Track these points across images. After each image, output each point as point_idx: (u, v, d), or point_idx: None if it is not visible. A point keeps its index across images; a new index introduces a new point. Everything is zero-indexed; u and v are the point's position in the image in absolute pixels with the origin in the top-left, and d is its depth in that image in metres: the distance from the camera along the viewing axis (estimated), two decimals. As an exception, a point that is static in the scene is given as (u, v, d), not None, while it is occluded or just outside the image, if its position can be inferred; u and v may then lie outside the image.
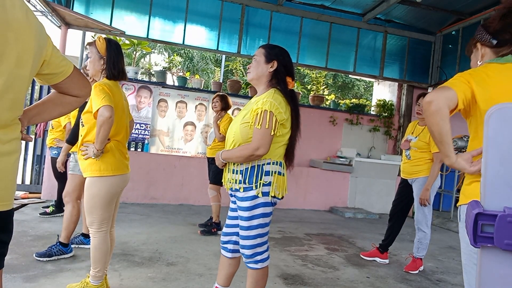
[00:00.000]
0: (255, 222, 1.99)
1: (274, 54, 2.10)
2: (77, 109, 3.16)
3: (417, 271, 3.58)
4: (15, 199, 4.88)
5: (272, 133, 1.94)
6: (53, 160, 4.36)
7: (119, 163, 2.35)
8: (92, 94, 2.21)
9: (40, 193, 5.49)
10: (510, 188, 1.00)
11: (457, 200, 6.50)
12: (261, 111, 1.94)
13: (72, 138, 3.06)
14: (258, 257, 2.03)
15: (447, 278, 3.51)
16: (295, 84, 7.76)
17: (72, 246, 3.24)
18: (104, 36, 2.45)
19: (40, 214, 4.45)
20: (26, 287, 2.51)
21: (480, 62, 1.62)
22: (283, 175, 2.06)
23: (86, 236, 3.39)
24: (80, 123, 2.43)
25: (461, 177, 3.16)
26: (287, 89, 2.08)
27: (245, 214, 1.99)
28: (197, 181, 6.00)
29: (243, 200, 2.00)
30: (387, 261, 3.83)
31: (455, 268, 3.83)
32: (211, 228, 4.36)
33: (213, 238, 4.16)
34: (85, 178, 2.33)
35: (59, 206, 4.45)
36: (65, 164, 3.51)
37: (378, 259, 3.85)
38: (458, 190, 7.87)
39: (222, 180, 2.20)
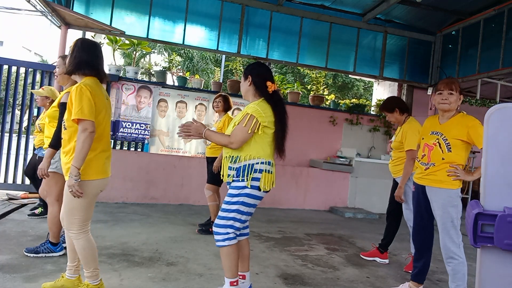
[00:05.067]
0: (234, 206, 2.33)
1: (248, 70, 2.51)
2: (54, 109, 3.06)
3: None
4: (15, 199, 4.81)
5: (249, 132, 2.30)
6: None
7: (104, 166, 2.35)
8: (72, 96, 2.21)
9: (39, 193, 5.48)
10: (510, 188, 1.00)
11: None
12: (245, 114, 2.34)
13: (56, 142, 2.78)
14: (226, 236, 2.35)
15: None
16: (295, 84, 7.69)
17: (41, 255, 3.10)
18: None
19: (29, 215, 4.38)
20: (26, 287, 2.51)
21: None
22: (271, 172, 2.40)
23: (53, 244, 3.17)
24: (63, 126, 2.38)
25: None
26: (268, 94, 2.43)
27: (228, 199, 2.36)
28: (197, 181, 5.99)
29: (232, 189, 2.36)
30: (387, 261, 3.84)
31: (455, 268, 3.82)
32: (209, 227, 4.36)
33: (213, 238, 4.15)
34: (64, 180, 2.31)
35: (46, 207, 4.37)
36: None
37: (378, 259, 3.86)
38: (458, 190, 7.70)
39: (221, 176, 2.52)
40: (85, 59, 2.33)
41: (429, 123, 2.89)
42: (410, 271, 3.56)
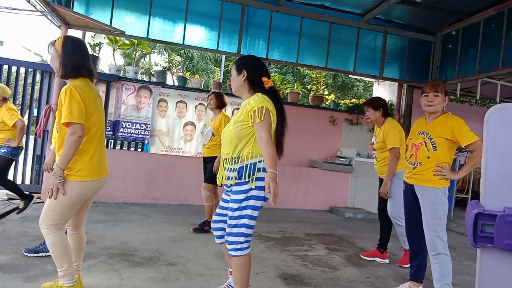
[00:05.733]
0: (244, 212, 2.19)
1: (242, 64, 2.33)
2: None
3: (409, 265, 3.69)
4: (15, 199, 4.85)
5: (271, 123, 2.19)
6: (3, 159, 4.24)
7: (97, 167, 2.25)
8: (62, 97, 2.13)
9: (40, 193, 5.48)
10: (510, 188, 1.00)
11: (456, 200, 6.52)
12: (258, 108, 2.15)
13: None
14: (238, 245, 2.21)
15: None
16: (295, 84, 7.69)
17: (41, 254, 3.13)
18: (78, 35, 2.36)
19: (17, 213, 4.38)
20: (26, 287, 2.51)
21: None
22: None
23: None
24: (55, 129, 2.25)
25: (460, 179, 3.20)
26: (265, 90, 2.30)
27: (236, 205, 2.20)
28: (197, 181, 5.99)
29: (236, 193, 2.20)
30: (387, 261, 3.86)
31: (455, 268, 3.81)
32: (204, 226, 4.37)
33: (213, 238, 4.14)
34: None
35: (25, 197, 4.39)
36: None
37: (378, 259, 3.88)
38: (459, 190, 7.86)
39: (217, 178, 2.39)
40: (80, 62, 2.24)
41: (416, 124, 2.99)
42: (404, 265, 3.68)
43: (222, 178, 2.33)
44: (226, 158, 2.29)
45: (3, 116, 4.19)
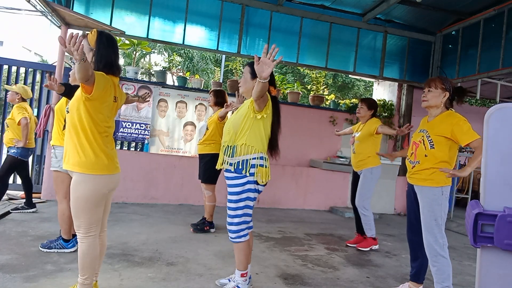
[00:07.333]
0: (242, 203, 2.48)
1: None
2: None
3: (368, 249, 4.16)
4: (15, 199, 4.88)
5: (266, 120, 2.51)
6: (12, 159, 4.28)
7: (107, 162, 2.18)
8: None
9: (40, 193, 5.48)
10: (510, 188, 1.00)
11: (456, 200, 6.57)
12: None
13: None
14: (241, 233, 2.52)
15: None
16: (295, 84, 7.72)
17: (53, 251, 3.22)
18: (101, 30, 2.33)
19: (12, 209, 4.50)
20: (26, 287, 2.51)
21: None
22: (266, 166, 2.53)
23: (65, 240, 3.28)
24: (67, 110, 2.21)
25: (460, 179, 3.20)
26: (270, 96, 2.55)
27: (234, 197, 2.48)
28: (197, 181, 5.95)
29: (233, 187, 2.49)
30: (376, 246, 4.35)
31: (455, 268, 3.80)
32: (204, 226, 4.37)
33: (213, 238, 4.17)
34: (71, 178, 2.18)
35: (30, 203, 4.60)
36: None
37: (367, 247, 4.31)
38: (458, 190, 7.85)
39: (217, 164, 2.62)
40: (112, 58, 2.23)
41: (421, 122, 2.94)
42: (361, 248, 4.14)
43: (222, 163, 2.58)
44: (222, 146, 2.58)
45: (13, 113, 4.27)
